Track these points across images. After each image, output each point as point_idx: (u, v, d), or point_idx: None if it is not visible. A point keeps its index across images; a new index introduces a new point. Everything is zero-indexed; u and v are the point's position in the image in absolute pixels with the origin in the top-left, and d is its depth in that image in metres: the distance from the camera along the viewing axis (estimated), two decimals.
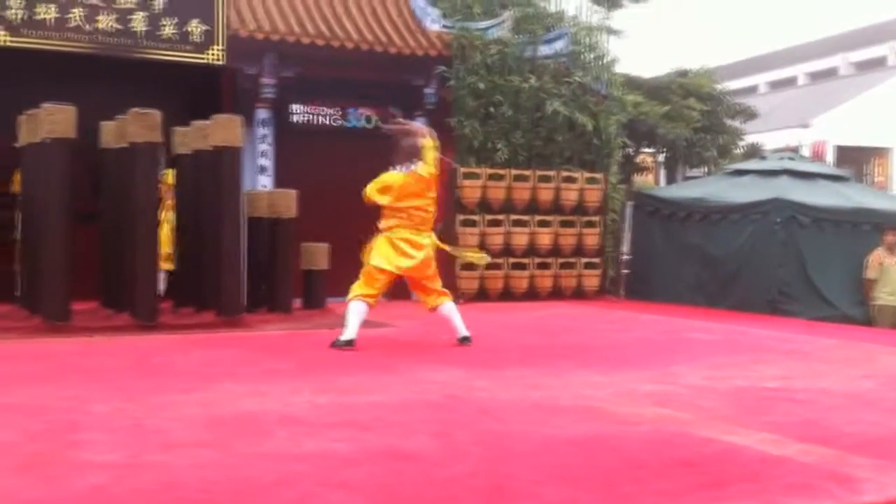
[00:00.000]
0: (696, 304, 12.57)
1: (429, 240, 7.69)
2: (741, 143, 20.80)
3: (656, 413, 5.17)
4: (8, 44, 9.81)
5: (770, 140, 26.08)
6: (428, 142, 7.63)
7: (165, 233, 10.12)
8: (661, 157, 21.23)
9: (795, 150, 23.37)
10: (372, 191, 7.55)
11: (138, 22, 10.33)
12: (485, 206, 12.74)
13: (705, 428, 4.79)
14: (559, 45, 13.54)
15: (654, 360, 7.37)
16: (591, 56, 14.10)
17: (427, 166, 7.56)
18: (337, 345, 7.32)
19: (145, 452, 4.10)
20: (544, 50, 13.48)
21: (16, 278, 9.78)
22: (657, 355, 7.68)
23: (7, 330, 8.32)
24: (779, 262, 11.82)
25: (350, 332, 7.37)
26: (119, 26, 10.25)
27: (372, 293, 7.52)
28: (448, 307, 7.81)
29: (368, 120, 13.13)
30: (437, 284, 7.79)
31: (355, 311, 7.44)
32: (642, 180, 22.58)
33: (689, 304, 12.55)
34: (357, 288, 7.52)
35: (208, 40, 10.67)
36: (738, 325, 10.24)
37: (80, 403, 5.18)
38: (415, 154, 7.58)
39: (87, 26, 10.10)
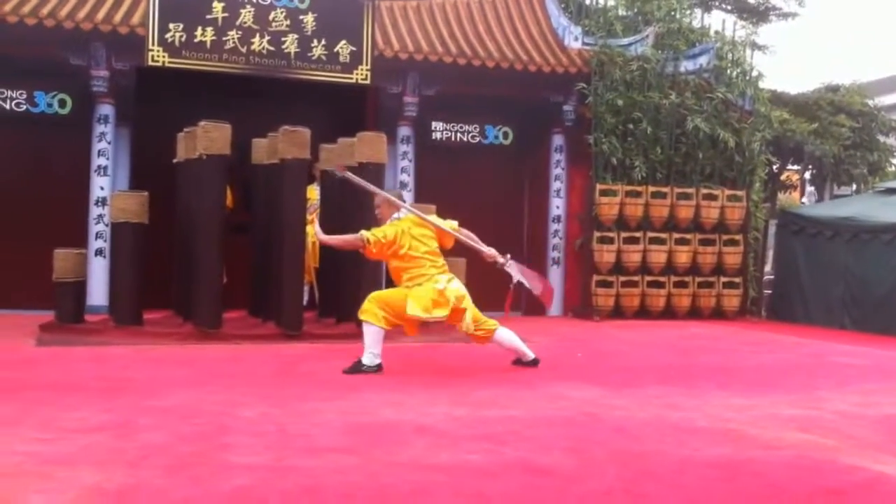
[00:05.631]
0: (842, 327, 12.12)
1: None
2: (894, 161, 19.94)
3: (800, 438, 5.03)
4: (168, 65, 10.36)
5: None
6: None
7: (307, 246, 10.43)
8: (807, 175, 20.57)
9: None
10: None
11: (290, 44, 10.75)
12: (622, 223, 12.65)
13: (852, 455, 4.63)
14: (702, 61, 13.33)
15: (798, 383, 7.16)
16: (736, 71, 13.83)
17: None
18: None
19: (289, 456, 4.27)
20: (687, 65, 13.29)
21: None
22: (801, 379, 7.45)
23: (162, 336, 8.78)
24: None
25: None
26: (272, 48, 10.70)
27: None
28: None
29: (506, 136, 13.24)
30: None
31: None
32: (787, 198, 21.92)
33: (835, 327, 12.11)
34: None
35: (355, 61, 10.99)
36: (889, 350, 9.80)
37: (229, 408, 5.43)
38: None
39: (243, 48, 10.58)
